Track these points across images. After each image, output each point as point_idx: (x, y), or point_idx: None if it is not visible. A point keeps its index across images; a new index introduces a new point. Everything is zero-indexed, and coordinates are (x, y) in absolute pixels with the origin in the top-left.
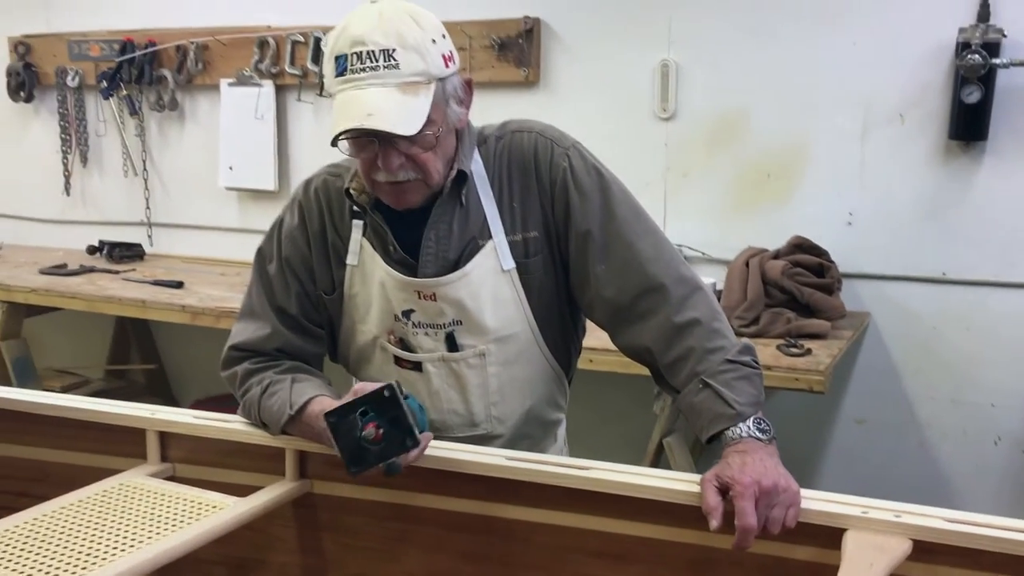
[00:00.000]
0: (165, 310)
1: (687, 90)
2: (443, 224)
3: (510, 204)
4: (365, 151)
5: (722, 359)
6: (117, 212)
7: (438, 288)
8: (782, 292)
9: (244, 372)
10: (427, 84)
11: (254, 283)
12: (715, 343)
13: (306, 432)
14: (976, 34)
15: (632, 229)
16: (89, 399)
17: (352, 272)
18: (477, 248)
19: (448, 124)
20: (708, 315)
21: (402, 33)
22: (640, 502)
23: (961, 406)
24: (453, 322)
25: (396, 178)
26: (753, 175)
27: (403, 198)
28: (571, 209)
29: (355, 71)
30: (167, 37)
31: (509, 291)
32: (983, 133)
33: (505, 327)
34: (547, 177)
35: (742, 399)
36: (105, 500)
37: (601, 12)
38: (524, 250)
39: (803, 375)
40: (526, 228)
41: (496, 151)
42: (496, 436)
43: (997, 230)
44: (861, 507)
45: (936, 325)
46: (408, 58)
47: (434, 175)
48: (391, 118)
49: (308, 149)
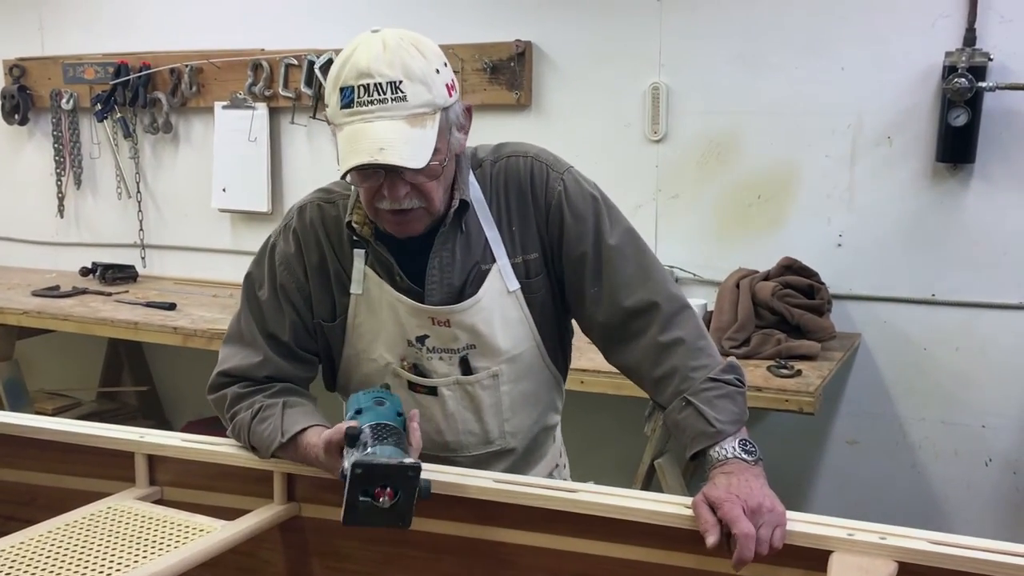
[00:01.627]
0: (157, 332)
1: (678, 113)
2: (446, 252)
3: (509, 228)
4: (369, 181)
5: (705, 377)
6: (110, 234)
7: (452, 315)
8: (772, 313)
9: (233, 396)
10: (433, 115)
11: (243, 308)
12: (699, 361)
13: (296, 458)
14: (962, 58)
15: (624, 252)
16: (77, 422)
17: (357, 300)
18: (483, 273)
19: (451, 152)
20: (693, 334)
21: (408, 64)
22: (630, 524)
23: (952, 427)
24: (467, 346)
25: (401, 206)
26: (743, 197)
27: (406, 227)
28: (565, 232)
29: (362, 103)
30: (161, 60)
31: (516, 312)
32: (970, 156)
33: (515, 347)
34: (543, 200)
35: (723, 417)
36: (93, 524)
37: (592, 35)
38: (525, 271)
39: (793, 396)
40: (525, 251)
41: (492, 174)
42: (509, 450)
43: (985, 252)
44: (847, 529)
45: (926, 346)
46: (415, 90)
47: (436, 203)
48: (402, 152)
49: (301, 171)
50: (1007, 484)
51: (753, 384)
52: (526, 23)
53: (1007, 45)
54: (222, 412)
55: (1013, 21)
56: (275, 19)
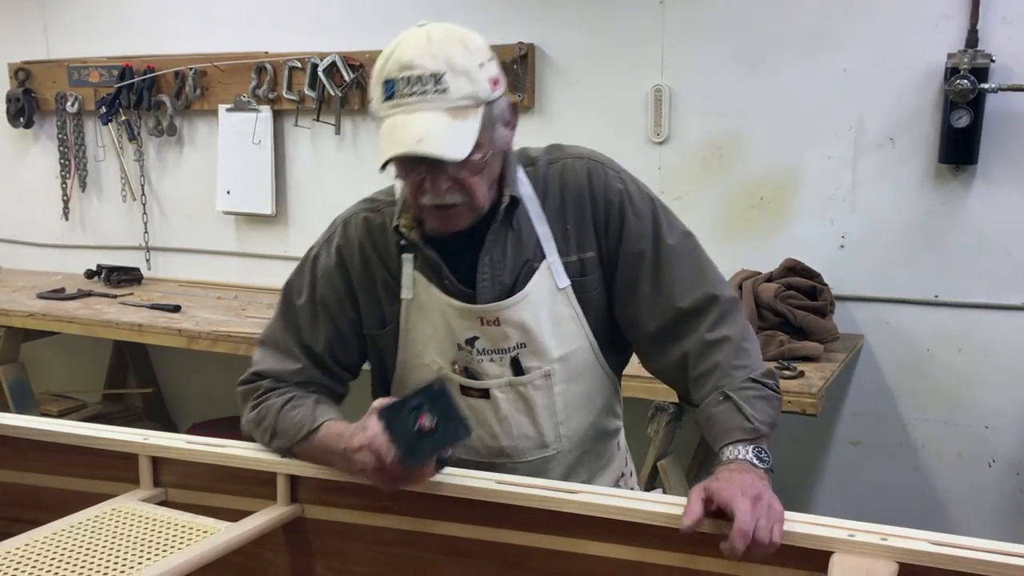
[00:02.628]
0: (162, 334)
1: (680, 115)
2: (497, 249)
3: (564, 227)
4: (412, 174)
5: (746, 376)
6: (115, 236)
7: (500, 312)
8: (775, 315)
9: (267, 387)
10: (475, 108)
11: (280, 316)
12: (741, 361)
13: (314, 452)
14: (965, 59)
15: (681, 253)
16: (81, 424)
17: (408, 306)
18: (532, 270)
19: (495, 147)
20: (739, 334)
21: (451, 57)
22: (633, 526)
23: (955, 428)
24: (518, 345)
25: (443, 201)
26: (746, 199)
27: (449, 222)
28: (626, 230)
29: (404, 95)
30: (165, 63)
31: (567, 309)
32: (973, 157)
33: (566, 345)
34: (602, 199)
35: (760, 416)
36: (97, 525)
37: (594, 38)
38: (581, 269)
39: (796, 398)
40: (581, 248)
41: (547, 175)
42: (565, 453)
43: (988, 253)
44: (848, 530)
45: (929, 347)
46: (457, 82)
47: (480, 199)
48: (441, 143)
49: (305, 174)
50: (1010, 486)
51: None
52: (528, 25)
53: (1009, 47)
54: (248, 399)
55: (1015, 23)
56: (279, 22)
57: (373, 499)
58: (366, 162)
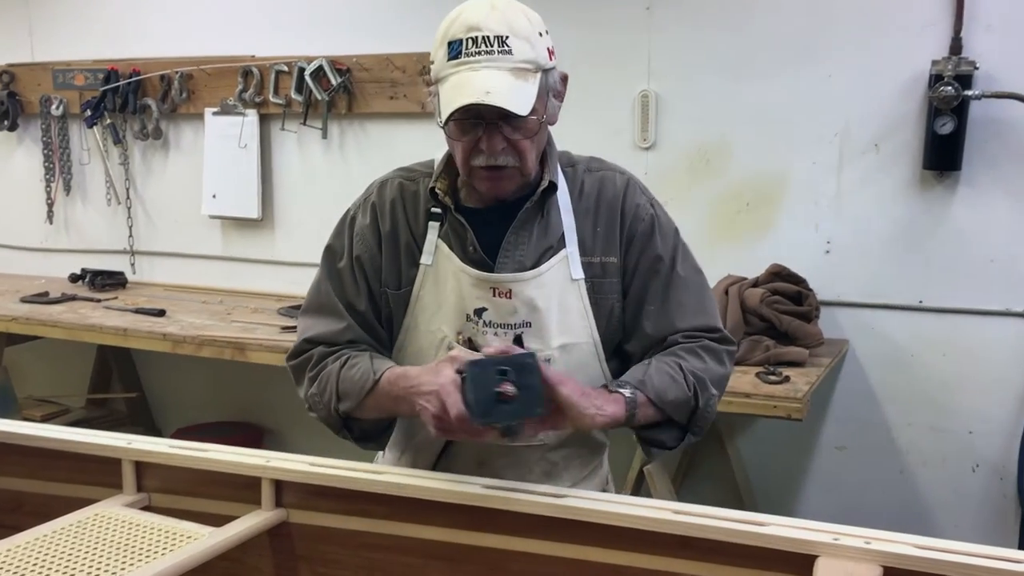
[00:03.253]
0: (147, 338)
1: (667, 120)
2: (525, 230)
3: (593, 228)
4: (469, 134)
5: (682, 364)
6: (100, 240)
7: (514, 284)
8: (761, 320)
9: (320, 354)
10: (535, 72)
11: (323, 279)
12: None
13: (381, 402)
14: (948, 66)
15: (688, 284)
16: (64, 428)
17: (425, 272)
18: (552, 255)
19: (548, 115)
20: (713, 371)
21: (514, 23)
22: (619, 530)
23: (939, 433)
24: (524, 323)
25: (496, 162)
26: (732, 204)
27: (499, 184)
28: (650, 248)
29: (470, 54)
30: (151, 66)
31: (576, 301)
32: (957, 163)
33: (569, 335)
34: (631, 215)
35: (657, 383)
36: (80, 531)
37: (581, 44)
38: (601, 271)
39: (781, 403)
40: (605, 252)
41: (586, 180)
42: (549, 449)
43: (972, 259)
44: (832, 534)
45: (914, 352)
46: (520, 45)
47: (529, 164)
48: (507, 97)
49: (292, 177)
50: (994, 490)
51: (742, 391)
52: None
53: (992, 54)
54: (303, 372)
55: (998, 30)
56: (266, 26)
57: (358, 503)
58: (352, 166)
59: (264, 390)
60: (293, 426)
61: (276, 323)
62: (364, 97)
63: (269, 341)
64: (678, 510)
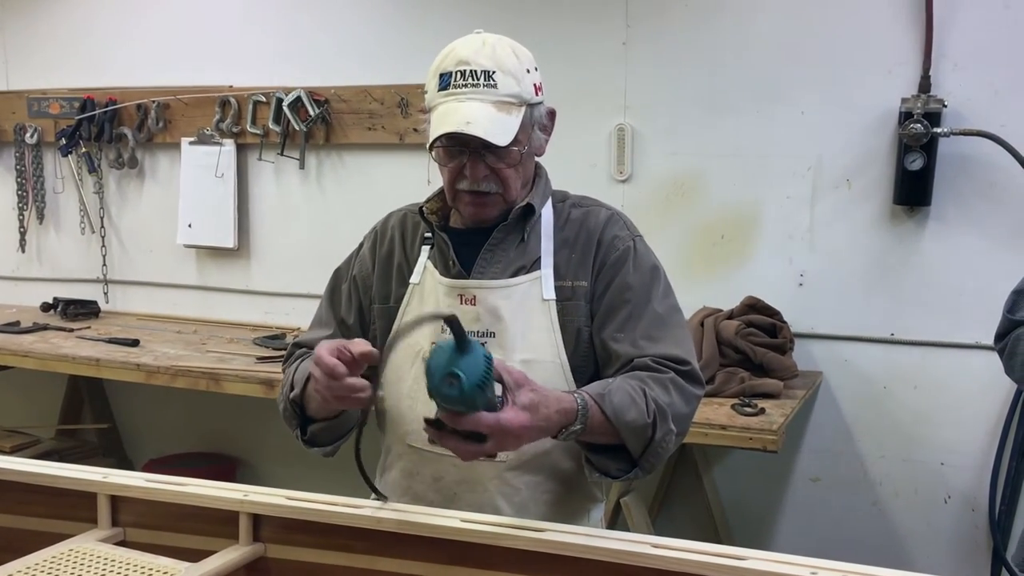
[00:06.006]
0: (120, 369)
1: (642, 154)
2: (501, 248)
3: (569, 254)
4: (454, 160)
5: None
6: (73, 269)
7: (479, 291)
8: (736, 352)
9: (299, 354)
10: (519, 106)
11: (324, 297)
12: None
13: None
14: (918, 104)
15: (664, 320)
16: (38, 462)
17: (412, 290)
18: (524, 273)
19: (532, 147)
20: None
21: (502, 59)
22: (596, 564)
23: (912, 464)
24: (486, 333)
25: (479, 187)
26: (707, 236)
27: (482, 210)
28: (619, 276)
29: (458, 85)
30: (128, 95)
31: (544, 320)
32: (926, 199)
33: (532, 351)
34: (607, 243)
35: (616, 401)
36: (54, 567)
37: (558, 78)
38: (572, 293)
39: (757, 434)
40: (576, 276)
41: (572, 212)
42: (506, 468)
43: (942, 292)
44: (810, 568)
45: (886, 384)
46: (505, 80)
47: (513, 191)
48: (487, 127)
49: (268, 207)
50: (966, 521)
51: (717, 423)
52: None
53: (960, 92)
54: (284, 370)
55: (967, 68)
56: (244, 57)
57: (337, 537)
58: (330, 197)
59: (238, 421)
60: (266, 457)
61: (251, 353)
62: (342, 128)
63: (244, 372)
64: (656, 544)
